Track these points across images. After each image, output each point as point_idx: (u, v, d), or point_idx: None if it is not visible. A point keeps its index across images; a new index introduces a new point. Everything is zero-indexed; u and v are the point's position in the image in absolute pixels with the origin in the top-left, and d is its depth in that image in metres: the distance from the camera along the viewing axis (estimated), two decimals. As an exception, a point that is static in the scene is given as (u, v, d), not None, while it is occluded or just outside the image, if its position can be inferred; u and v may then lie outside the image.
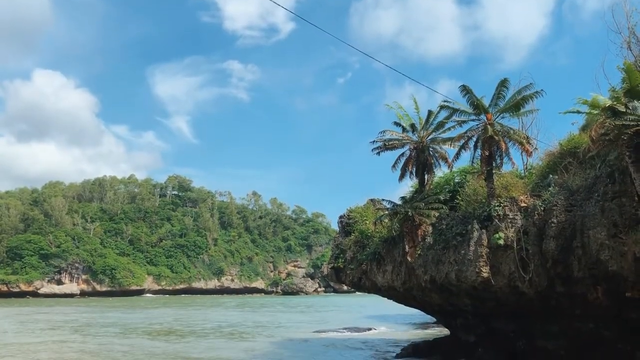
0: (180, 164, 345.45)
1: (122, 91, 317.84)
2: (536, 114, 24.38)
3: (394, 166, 25.82)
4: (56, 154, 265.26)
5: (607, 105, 14.76)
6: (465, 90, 20.83)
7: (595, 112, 16.04)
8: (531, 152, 21.35)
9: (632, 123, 13.96)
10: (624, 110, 14.29)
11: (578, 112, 16.44)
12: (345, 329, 43.42)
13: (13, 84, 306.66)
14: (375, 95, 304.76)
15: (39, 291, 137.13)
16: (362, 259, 28.51)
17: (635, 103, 14.29)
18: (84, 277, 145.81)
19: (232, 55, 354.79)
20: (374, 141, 26.04)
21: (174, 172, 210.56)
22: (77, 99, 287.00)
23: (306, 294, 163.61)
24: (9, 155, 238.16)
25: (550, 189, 19.17)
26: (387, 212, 25.90)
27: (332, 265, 32.09)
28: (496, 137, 20.27)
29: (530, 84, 20.32)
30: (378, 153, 26.18)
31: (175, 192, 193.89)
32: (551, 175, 20.21)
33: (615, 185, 15.29)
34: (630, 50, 20.04)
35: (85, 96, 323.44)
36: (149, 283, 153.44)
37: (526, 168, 25.29)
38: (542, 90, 20.18)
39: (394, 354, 28.73)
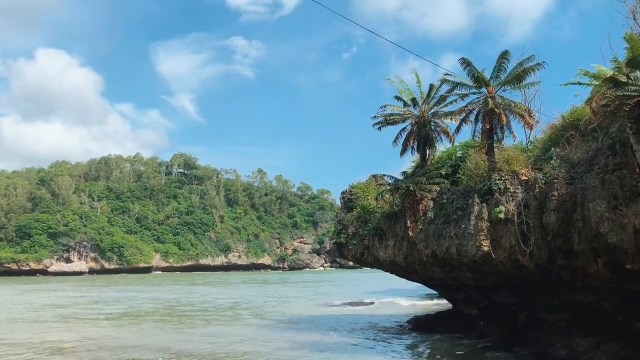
0: (186, 142, 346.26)
1: (126, 69, 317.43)
2: (539, 87, 24.04)
3: (395, 141, 25.63)
4: (62, 133, 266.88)
5: (608, 75, 14.47)
6: (466, 63, 20.51)
7: (599, 83, 15.74)
8: (532, 125, 21.10)
9: (633, 94, 13.68)
10: (626, 81, 14.01)
11: (579, 83, 16.13)
12: (348, 303, 43.83)
13: (17, 62, 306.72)
14: (380, 70, 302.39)
15: (48, 269, 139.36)
16: (364, 234, 28.59)
17: (637, 73, 13.97)
18: (92, 255, 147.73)
19: (236, 31, 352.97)
20: (375, 116, 25.81)
21: (179, 150, 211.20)
22: (82, 78, 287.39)
23: (312, 269, 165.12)
24: (15, 135, 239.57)
25: (552, 162, 19.00)
26: (388, 188, 25.85)
27: (334, 240, 32.21)
28: (497, 110, 20.01)
29: (532, 55, 19.96)
30: (379, 128, 25.95)
31: (181, 170, 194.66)
32: (553, 148, 20.01)
33: (616, 157, 15.07)
34: (635, 19, 19.56)
35: (90, 75, 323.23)
36: (156, 260, 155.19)
37: (529, 141, 25.07)
38: (543, 62, 19.84)
39: (397, 328, 29.01)
